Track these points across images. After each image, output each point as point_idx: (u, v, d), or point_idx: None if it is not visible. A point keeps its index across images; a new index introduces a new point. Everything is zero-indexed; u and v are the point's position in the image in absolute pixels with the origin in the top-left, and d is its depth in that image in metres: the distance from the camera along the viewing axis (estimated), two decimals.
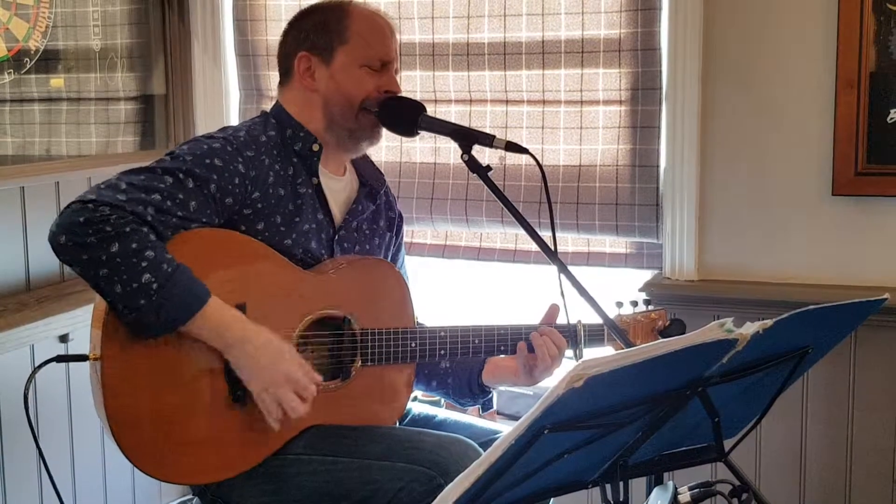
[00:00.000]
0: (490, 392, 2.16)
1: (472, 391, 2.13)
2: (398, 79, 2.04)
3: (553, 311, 2.05)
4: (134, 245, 1.68)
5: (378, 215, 2.15)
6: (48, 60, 2.76)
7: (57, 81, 2.82)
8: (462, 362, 2.12)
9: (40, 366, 1.88)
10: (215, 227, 1.85)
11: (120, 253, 1.67)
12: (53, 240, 1.70)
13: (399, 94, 2.02)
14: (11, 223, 2.57)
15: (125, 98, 3.05)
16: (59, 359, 1.89)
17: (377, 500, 1.81)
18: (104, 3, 2.94)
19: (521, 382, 2.08)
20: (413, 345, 1.98)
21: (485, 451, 1.29)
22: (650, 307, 2.14)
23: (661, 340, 1.29)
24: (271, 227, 1.91)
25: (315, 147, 1.98)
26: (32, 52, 2.70)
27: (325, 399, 1.90)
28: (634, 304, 2.11)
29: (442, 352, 2.00)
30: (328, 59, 1.99)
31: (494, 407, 2.20)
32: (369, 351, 1.95)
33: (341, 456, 1.87)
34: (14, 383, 2.36)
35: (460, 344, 2.01)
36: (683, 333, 2.09)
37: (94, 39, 2.92)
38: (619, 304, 2.10)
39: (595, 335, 2.06)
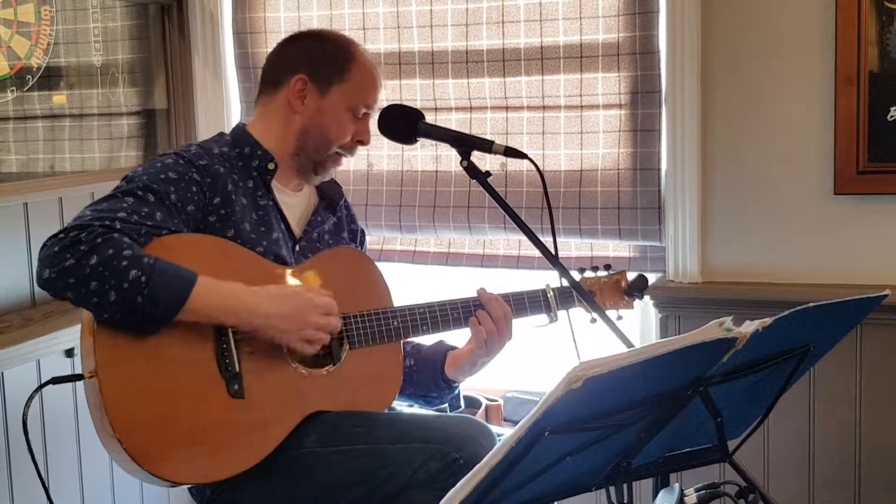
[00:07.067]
0: (456, 387, 2.20)
1: (437, 385, 2.17)
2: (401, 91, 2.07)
3: (481, 292, 2.11)
4: (110, 251, 1.72)
5: (340, 227, 2.20)
6: (50, 77, 2.78)
7: (59, 98, 2.84)
8: (426, 358, 2.17)
9: (37, 390, 1.88)
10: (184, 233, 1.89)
11: (100, 262, 1.71)
12: (39, 278, 1.74)
13: (398, 104, 2.06)
14: (15, 239, 2.58)
15: (127, 113, 3.07)
16: (55, 380, 1.89)
17: (394, 483, 1.82)
18: (105, 19, 2.96)
19: (481, 357, 2.11)
20: (395, 322, 2.02)
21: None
22: (610, 271, 2.25)
23: (661, 340, 1.30)
24: (242, 234, 1.95)
25: (270, 166, 2.03)
26: (34, 70, 2.72)
27: (321, 386, 1.94)
28: (595, 268, 2.25)
29: (424, 326, 2.05)
30: (323, 91, 2.04)
31: (462, 406, 2.23)
32: (354, 334, 1.99)
33: (355, 444, 1.89)
34: (21, 399, 2.35)
35: (439, 315, 2.06)
36: (647, 287, 2.25)
37: (95, 55, 2.93)
38: (582, 270, 2.24)
39: (566, 297, 2.15)
